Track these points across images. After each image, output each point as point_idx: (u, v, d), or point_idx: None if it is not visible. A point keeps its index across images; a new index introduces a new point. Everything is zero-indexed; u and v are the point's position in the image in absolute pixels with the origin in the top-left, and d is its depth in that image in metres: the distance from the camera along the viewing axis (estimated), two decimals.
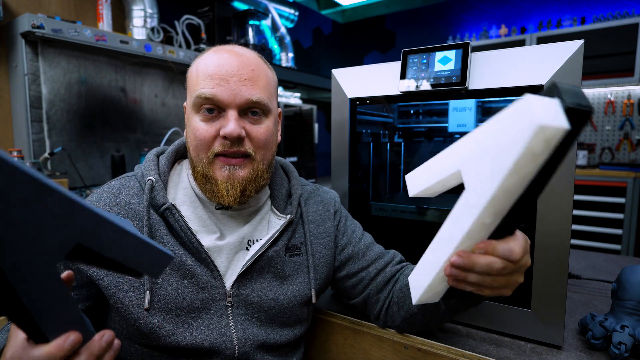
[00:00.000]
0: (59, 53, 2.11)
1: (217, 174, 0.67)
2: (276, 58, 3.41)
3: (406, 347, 0.75)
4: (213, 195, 0.68)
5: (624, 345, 0.63)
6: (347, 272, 0.80)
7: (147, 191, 0.67)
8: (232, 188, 0.67)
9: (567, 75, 0.65)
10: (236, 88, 0.66)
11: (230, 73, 0.66)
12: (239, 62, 0.67)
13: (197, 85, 0.67)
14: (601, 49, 3.07)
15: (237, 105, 0.66)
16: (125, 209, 0.67)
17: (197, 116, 0.68)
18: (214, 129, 0.67)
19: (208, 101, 0.66)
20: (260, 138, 0.69)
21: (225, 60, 0.67)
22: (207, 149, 0.67)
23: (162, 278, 0.66)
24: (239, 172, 0.68)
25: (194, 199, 0.72)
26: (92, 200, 0.69)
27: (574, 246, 2.96)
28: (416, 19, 4.31)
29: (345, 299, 0.84)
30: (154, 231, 0.67)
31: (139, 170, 0.73)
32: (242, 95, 0.66)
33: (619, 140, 3.31)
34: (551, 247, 0.68)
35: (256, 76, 0.68)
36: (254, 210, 0.76)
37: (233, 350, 0.68)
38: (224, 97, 0.66)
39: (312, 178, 3.37)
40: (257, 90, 0.68)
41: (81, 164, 2.25)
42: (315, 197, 0.83)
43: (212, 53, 0.69)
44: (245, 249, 0.73)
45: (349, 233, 0.82)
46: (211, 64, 0.67)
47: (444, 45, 0.77)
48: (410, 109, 1.04)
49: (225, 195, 0.67)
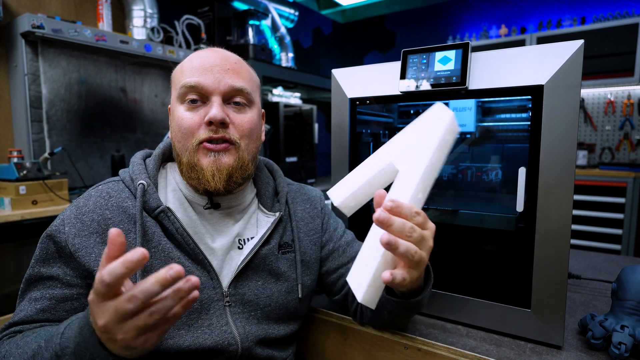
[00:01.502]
0: (59, 53, 2.11)
1: (203, 160, 0.68)
2: (276, 58, 3.41)
3: (406, 347, 0.75)
4: (199, 182, 0.68)
5: (624, 345, 0.63)
6: (327, 268, 0.82)
7: (140, 195, 0.67)
8: (218, 172, 0.67)
9: (567, 75, 0.65)
10: (220, 76, 0.68)
11: (214, 63, 0.69)
12: (223, 55, 0.71)
13: (182, 77, 0.69)
14: (601, 49, 3.07)
15: (221, 92, 0.68)
16: (119, 212, 0.67)
17: (181, 107, 0.69)
18: (199, 117, 0.68)
19: (192, 89, 0.67)
20: (244, 126, 0.70)
21: (209, 54, 0.71)
22: (191, 136, 0.68)
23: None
24: (224, 157, 0.68)
25: (183, 201, 0.72)
26: (80, 205, 0.67)
27: (574, 246, 2.96)
28: (416, 19, 4.31)
29: (328, 295, 0.86)
30: (150, 234, 0.67)
31: (125, 174, 0.72)
32: (225, 82, 0.68)
33: (619, 140, 3.31)
34: (551, 247, 0.68)
35: (239, 68, 0.71)
36: (242, 209, 0.76)
37: (236, 346, 0.68)
38: (207, 83, 0.67)
39: (312, 178, 3.37)
40: (240, 79, 0.71)
41: (81, 164, 2.25)
42: (301, 196, 0.85)
43: (198, 52, 0.73)
44: (237, 248, 0.74)
45: (331, 230, 0.85)
46: (195, 59, 0.70)
47: (444, 45, 0.77)
48: (410, 109, 1.04)
49: (211, 179, 0.67)
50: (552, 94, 0.66)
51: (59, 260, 0.64)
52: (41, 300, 0.63)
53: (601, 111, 3.36)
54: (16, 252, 1.72)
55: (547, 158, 0.67)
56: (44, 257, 0.65)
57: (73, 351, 0.49)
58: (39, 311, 0.63)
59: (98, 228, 0.65)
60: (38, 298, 0.63)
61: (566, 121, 0.65)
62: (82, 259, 0.63)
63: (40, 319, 0.63)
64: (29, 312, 0.63)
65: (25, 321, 0.63)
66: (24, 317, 0.63)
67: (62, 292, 0.64)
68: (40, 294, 0.64)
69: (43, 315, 0.63)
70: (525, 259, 0.71)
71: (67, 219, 0.65)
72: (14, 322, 0.63)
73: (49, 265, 0.64)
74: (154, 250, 0.66)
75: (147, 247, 0.66)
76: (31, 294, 0.64)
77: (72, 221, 0.65)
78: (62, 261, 0.64)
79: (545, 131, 0.67)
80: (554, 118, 0.66)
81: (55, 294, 0.64)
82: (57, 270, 0.64)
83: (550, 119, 0.67)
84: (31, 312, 0.63)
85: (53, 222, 0.67)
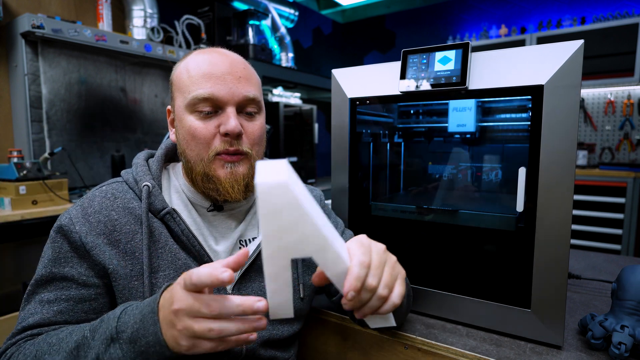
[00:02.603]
0: (59, 53, 2.11)
1: (219, 172, 0.68)
2: (276, 58, 3.41)
3: (406, 347, 0.75)
4: (218, 193, 0.68)
5: (624, 345, 0.63)
6: None
7: (145, 197, 0.66)
8: (236, 184, 0.68)
9: (567, 75, 0.65)
10: (233, 86, 0.67)
11: (226, 71, 0.68)
12: (231, 61, 0.69)
13: (191, 85, 0.67)
14: (601, 49, 3.07)
15: (235, 102, 0.68)
16: (125, 213, 0.66)
17: (192, 116, 0.68)
18: (213, 127, 0.67)
19: (206, 101, 0.66)
20: (255, 134, 0.71)
21: (217, 59, 0.69)
22: (207, 147, 0.67)
23: (169, 283, 0.66)
24: (239, 168, 0.69)
25: (187, 203, 0.72)
26: (85, 206, 0.66)
27: (574, 246, 2.96)
28: (416, 19, 4.31)
29: (327, 296, 0.85)
30: (157, 235, 0.66)
31: (128, 176, 0.71)
32: (239, 92, 0.68)
33: (619, 140, 3.31)
34: (551, 247, 0.68)
35: (248, 75, 0.71)
36: (244, 210, 0.76)
37: (241, 348, 0.68)
38: (221, 95, 0.66)
39: (312, 178, 3.37)
40: (252, 87, 0.70)
41: (81, 164, 2.25)
42: None
43: (200, 54, 0.70)
44: (239, 249, 0.73)
45: None
46: (203, 63, 0.68)
47: (444, 45, 0.77)
48: (410, 109, 1.04)
49: (231, 191, 0.67)
50: (552, 94, 0.66)
51: (73, 260, 0.63)
52: (57, 302, 0.62)
53: (601, 111, 3.36)
54: (16, 252, 1.72)
55: (547, 158, 0.67)
56: (57, 257, 0.63)
57: (129, 336, 0.50)
58: (56, 313, 0.61)
59: (105, 229, 0.64)
60: (52, 300, 0.62)
61: (566, 121, 0.65)
62: (97, 257, 0.62)
63: (59, 321, 0.62)
64: (46, 315, 0.61)
65: (42, 324, 0.61)
66: (40, 320, 0.61)
67: (79, 293, 0.63)
68: (54, 295, 0.62)
69: (61, 317, 0.62)
70: (525, 259, 0.71)
71: (74, 218, 0.64)
72: (30, 325, 0.61)
73: (62, 265, 0.63)
74: (160, 251, 0.66)
75: (154, 248, 0.66)
76: (42, 296, 0.63)
77: (81, 220, 0.64)
78: (77, 260, 0.63)
79: (545, 131, 0.67)
80: (554, 118, 0.66)
81: (71, 295, 0.63)
82: (72, 271, 0.63)
83: (550, 119, 0.67)
84: (48, 314, 0.61)
85: (60, 222, 0.65)
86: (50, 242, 0.65)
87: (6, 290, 1.69)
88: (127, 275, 0.64)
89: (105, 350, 0.51)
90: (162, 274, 0.66)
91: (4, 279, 1.68)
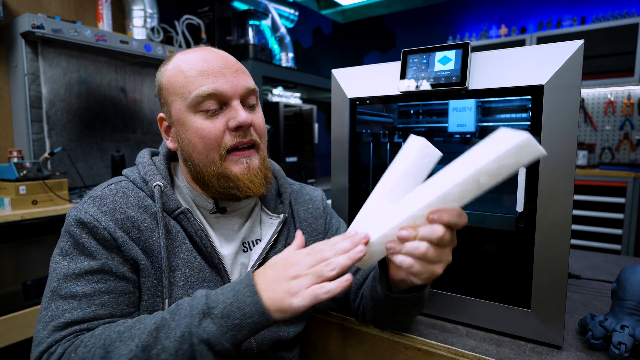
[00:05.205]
0: (59, 53, 2.11)
1: (235, 169, 0.67)
2: (276, 58, 3.41)
3: (406, 347, 0.75)
4: (239, 190, 0.67)
5: (624, 345, 0.63)
6: None
7: (159, 196, 0.65)
8: (255, 178, 0.68)
9: (567, 75, 0.65)
10: (233, 80, 0.67)
11: (223, 66, 0.67)
12: (223, 56, 0.69)
13: (190, 85, 0.65)
14: (601, 49, 3.07)
15: (239, 95, 0.67)
16: (141, 211, 0.65)
17: (198, 117, 0.66)
18: (221, 124, 0.66)
19: (210, 97, 0.65)
20: (260, 125, 0.71)
21: (209, 56, 0.68)
22: (217, 146, 0.66)
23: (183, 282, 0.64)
24: (253, 161, 0.68)
25: (192, 204, 0.72)
26: (99, 205, 0.63)
27: (574, 246, 2.96)
28: (416, 19, 4.31)
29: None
30: (174, 233, 0.65)
31: (135, 175, 0.69)
32: (241, 85, 0.68)
33: (619, 140, 3.31)
34: (551, 247, 0.68)
35: (242, 67, 0.72)
36: (246, 211, 0.76)
37: (252, 349, 0.68)
38: (225, 89, 0.66)
39: (312, 178, 3.37)
40: (249, 79, 0.71)
41: (81, 164, 2.25)
42: (303, 196, 0.85)
43: (187, 54, 0.69)
44: (242, 251, 0.73)
45: (334, 230, 0.84)
46: (196, 61, 0.66)
47: (444, 45, 0.77)
48: (410, 109, 1.04)
49: (252, 186, 0.67)
50: (552, 94, 0.66)
51: (104, 254, 0.60)
52: (96, 296, 0.59)
53: (601, 111, 3.36)
54: (16, 252, 1.72)
55: (547, 158, 0.67)
56: (86, 251, 0.60)
57: (221, 311, 0.51)
58: (100, 306, 0.58)
59: (127, 226, 0.63)
60: (90, 293, 0.58)
61: (566, 121, 0.65)
62: (129, 252, 0.61)
63: (104, 314, 0.59)
64: (91, 309, 0.58)
65: (87, 319, 0.57)
66: (83, 314, 0.57)
67: (118, 285, 0.61)
68: (91, 288, 0.59)
69: (106, 310, 0.59)
70: (525, 259, 0.71)
71: (95, 215, 0.61)
72: (73, 321, 0.57)
73: (96, 258, 0.60)
74: (178, 249, 0.65)
75: (171, 246, 0.65)
76: (74, 290, 0.58)
77: (104, 217, 0.61)
78: (108, 254, 0.61)
79: (545, 131, 0.67)
80: (554, 118, 0.66)
81: (111, 288, 0.60)
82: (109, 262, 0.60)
83: (550, 119, 0.67)
84: (91, 308, 0.58)
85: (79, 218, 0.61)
86: (71, 238, 0.61)
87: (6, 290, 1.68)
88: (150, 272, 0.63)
89: (199, 324, 0.51)
90: (179, 272, 0.65)
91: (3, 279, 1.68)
